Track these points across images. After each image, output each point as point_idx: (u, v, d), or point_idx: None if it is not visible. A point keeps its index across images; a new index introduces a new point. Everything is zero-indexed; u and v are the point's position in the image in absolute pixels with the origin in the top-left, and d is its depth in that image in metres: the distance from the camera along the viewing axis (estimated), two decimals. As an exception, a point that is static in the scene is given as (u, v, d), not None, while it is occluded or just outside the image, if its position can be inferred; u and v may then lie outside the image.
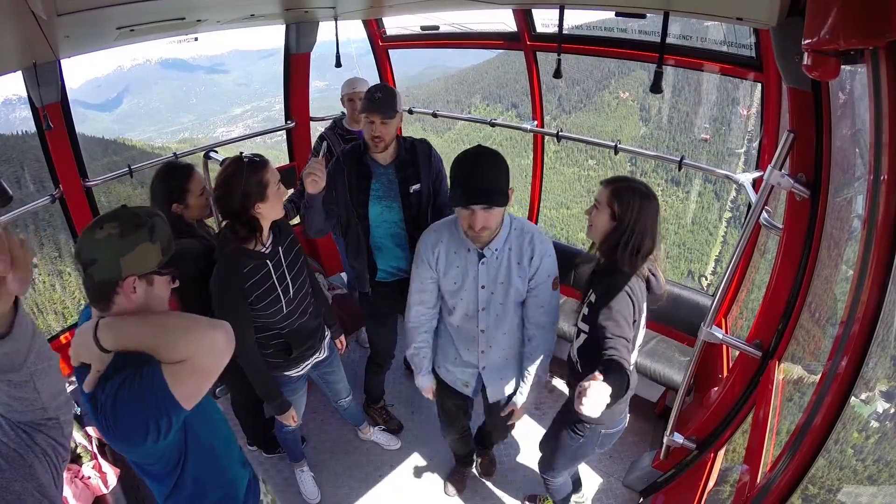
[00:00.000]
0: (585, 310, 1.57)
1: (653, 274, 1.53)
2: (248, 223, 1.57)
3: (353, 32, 3.84)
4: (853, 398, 1.09)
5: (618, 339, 1.36)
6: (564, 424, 1.77)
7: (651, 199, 1.48)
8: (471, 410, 2.13)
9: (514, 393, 1.81)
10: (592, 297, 1.54)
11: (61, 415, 0.91)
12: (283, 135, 3.59)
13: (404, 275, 2.12)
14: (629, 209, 1.46)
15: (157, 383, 0.93)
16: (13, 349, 0.75)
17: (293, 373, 1.93)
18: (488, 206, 1.39)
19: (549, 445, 1.90)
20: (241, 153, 1.60)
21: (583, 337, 1.59)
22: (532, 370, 1.73)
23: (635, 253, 1.46)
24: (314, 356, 1.98)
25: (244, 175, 1.51)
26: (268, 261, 1.66)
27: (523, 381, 1.76)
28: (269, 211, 1.59)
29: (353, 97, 2.76)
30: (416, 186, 2.02)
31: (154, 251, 1.02)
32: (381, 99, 1.86)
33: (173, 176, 1.82)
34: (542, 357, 1.72)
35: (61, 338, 2.61)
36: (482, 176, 1.39)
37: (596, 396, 1.08)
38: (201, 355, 0.96)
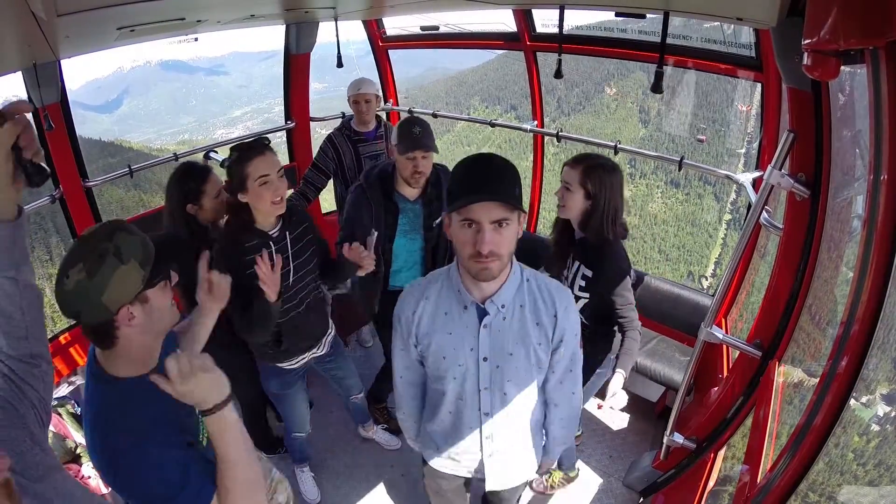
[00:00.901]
0: (582, 282, 1.71)
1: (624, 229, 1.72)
2: (241, 210, 1.63)
3: (353, 33, 3.84)
4: (854, 401, 1.09)
5: (627, 307, 1.69)
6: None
7: (616, 171, 1.65)
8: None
9: (521, 485, 1.51)
10: (588, 272, 1.69)
11: (43, 361, 0.93)
12: (283, 135, 3.59)
13: None
14: (602, 186, 1.60)
15: (202, 491, 0.93)
16: (19, 235, 0.85)
17: (285, 365, 1.91)
18: (499, 222, 1.02)
19: None
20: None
21: (583, 301, 1.73)
22: (558, 435, 1.41)
23: (614, 222, 1.65)
24: (310, 351, 1.96)
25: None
26: (272, 242, 1.67)
27: (547, 439, 1.45)
28: (257, 201, 1.60)
29: (358, 99, 2.68)
30: (439, 220, 2.01)
31: (132, 271, 0.93)
32: (422, 133, 1.79)
33: (190, 177, 1.83)
34: (569, 423, 1.40)
35: (60, 338, 2.60)
36: (491, 173, 1.05)
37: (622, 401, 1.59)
38: (239, 499, 0.95)
